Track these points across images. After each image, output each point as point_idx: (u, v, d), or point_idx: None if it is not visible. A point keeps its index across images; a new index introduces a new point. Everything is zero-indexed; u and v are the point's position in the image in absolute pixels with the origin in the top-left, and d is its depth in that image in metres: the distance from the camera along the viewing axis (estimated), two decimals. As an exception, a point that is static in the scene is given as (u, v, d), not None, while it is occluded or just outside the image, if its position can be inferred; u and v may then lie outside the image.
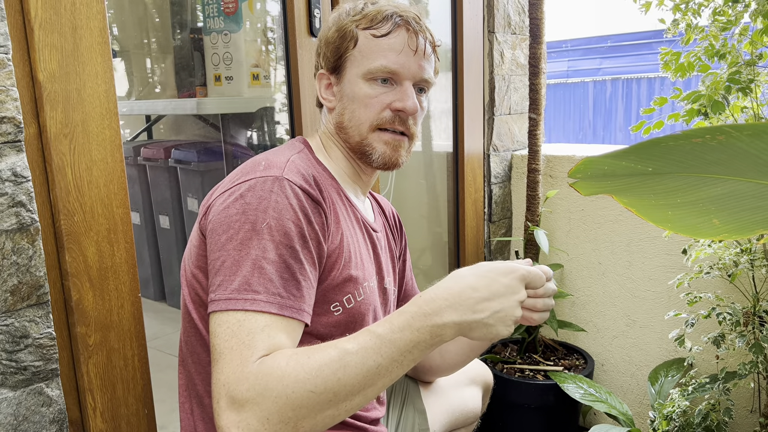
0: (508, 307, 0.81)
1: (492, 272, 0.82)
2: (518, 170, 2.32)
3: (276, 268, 0.84)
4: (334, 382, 0.75)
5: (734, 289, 1.77)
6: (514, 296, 0.82)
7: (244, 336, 0.79)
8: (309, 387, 0.74)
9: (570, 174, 0.67)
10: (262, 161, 0.95)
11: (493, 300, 0.81)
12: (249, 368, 0.76)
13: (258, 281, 0.82)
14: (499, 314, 0.81)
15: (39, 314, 0.99)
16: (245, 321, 0.80)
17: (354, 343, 0.78)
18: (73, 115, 1.03)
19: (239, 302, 0.81)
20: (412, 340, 0.78)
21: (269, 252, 0.84)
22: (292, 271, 0.86)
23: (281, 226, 0.86)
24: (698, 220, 0.66)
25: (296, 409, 0.74)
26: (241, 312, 0.81)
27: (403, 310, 0.80)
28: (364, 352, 0.77)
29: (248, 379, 0.75)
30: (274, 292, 0.83)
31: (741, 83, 1.41)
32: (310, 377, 0.75)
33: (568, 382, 1.86)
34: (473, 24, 2.08)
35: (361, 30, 1.02)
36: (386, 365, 0.77)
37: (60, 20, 1.00)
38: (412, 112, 1.02)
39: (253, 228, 0.85)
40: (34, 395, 1.00)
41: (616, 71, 10.22)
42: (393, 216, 1.28)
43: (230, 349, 0.78)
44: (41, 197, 1.01)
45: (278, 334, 0.81)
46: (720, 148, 0.61)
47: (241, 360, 0.77)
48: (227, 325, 0.80)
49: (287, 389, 0.74)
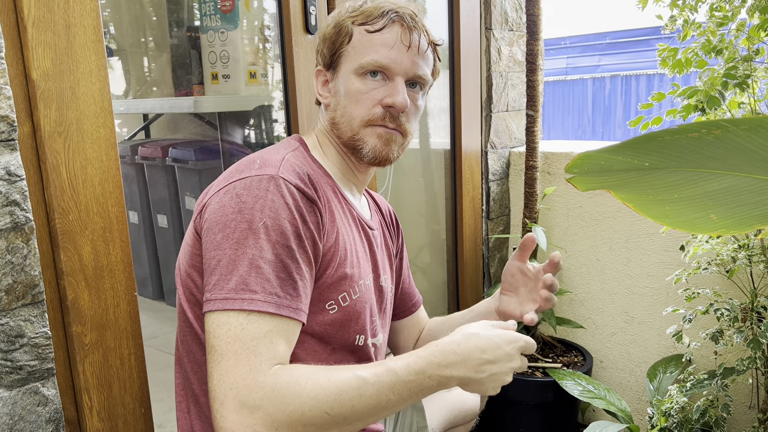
0: (504, 372, 0.90)
1: (498, 338, 0.91)
2: (516, 167, 2.31)
3: (273, 267, 0.84)
4: (348, 409, 0.79)
5: (732, 285, 1.77)
6: (510, 363, 0.91)
7: (248, 341, 0.80)
8: (325, 408, 0.78)
9: (567, 169, 0.67)
10: (257, 159, 0.94)
11: (495, 364, 0.89)
12: (262, 378, 0.78)
13: (255, 281, 0.82)
14: (495, 376, 0.89)
15: (34, 313, 0.98)
16: (248, 324, 0.81)
17: (371, 374, 0.82)
18: (67, 113, 1.02)
19: (237, 302, 0.81)
20: (422, 384, 0.85)
21: (266, 251, 0.84)
22: (289, 271, 0.86)
23: (277, 225, 0.86)
24: (696, 216, 0.66)
25: (307, 425, 0.78)
26: (241, 313, 0.81)
27: (419, 355, 0.87)
28: (380, 386, 0.82)
29: (263, 389, 0.77)
30: (271, 292, 0.83)
31: (738, 79, 1.40)
32: (329, 400, 0.78)
33: (566, 379, 1.86)
34: (470, 21, 2.07)
35: (357, 26, 1.02)
36: (395, 401, 0.83)
37: (53, 18, 0.99)
38: (401, 108, 1.01)
39: (250, 227, 0.85)
40: (30, 395, 0.99)
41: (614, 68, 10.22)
42: (390, 214, 1.28)
43: (235, 353, 0.79)
44: (35, 196, 1.01)
45: (279, 340, 0.83)
46: (716, 142, 0.61)
47: (250, 367, 0.78)
48: (228, 327, 0.81)
49: (304, 406, 0.77)
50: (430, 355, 0.86)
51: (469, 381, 0.88)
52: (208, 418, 0.98)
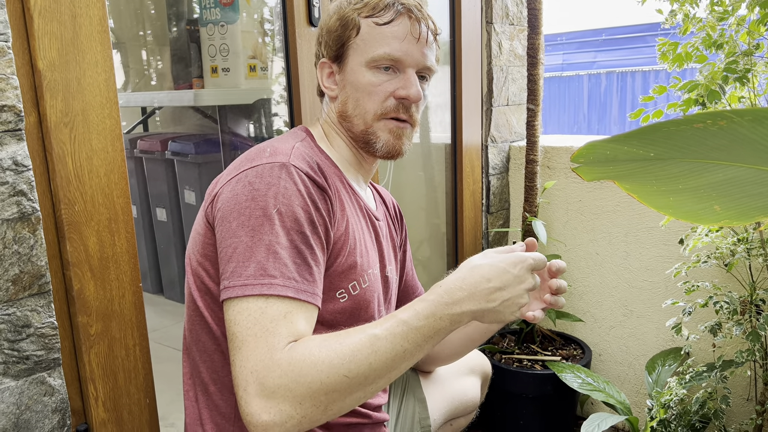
0: (518, 295, 0.88)
1: (503, 262, 0.88)
2: (516, 161, 2.32)
3: (289, 253, 0.85)
4: (366, 367, 0.79)
5: (731, 278, 1.79)
6: (522, 285, 0.88)
7: (267, 323, 0.80)
8: (343, 372, 0.77)
9: (573, 158, 0.67)
10: (267, 148, 0.95)
11: (505, 290, 0.87)
12: (279, 355, 0.77)
13: (273, 266, 0.83)
14: (509, 301, 0.87)
15: (41, 304, 0.99)
16: (267, 308, 0.81)
17: (381, 329, 0.81)
18: (73, 103, 1.02)
19: (256, 287, 0.82)
20: (434, 327, 0.83)
21: (281, 237, 0.85)
22: (304, 256, 0.86)
23: (291, 211, 0.87)
24: (699, 206, 0.66)
25: (329, 393, 0.77)
26: (260, 298, 0.81)
27: (425, 299, 0.85)
28: (393, 338, 0.81)
29: (280, 366, 0.77)
30: (289, 277, 0.83)
31: (738, 73, 1.41)
32: (345, 362, 0.78)
33: (565, 372, 1.87)
34: (471, 15, 2.08)
35: (363, 18, 1.02)
36: (412, 350, 0.81)
37: (59, 8, 0.99)
38: (416, 99, 1.02)
39: (264, 213, 0.85)
40: (37, 384, 1.00)
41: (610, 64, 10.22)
42: (393, 206, 1.29)
43: (254, 336, 0.79)
44: (42, 186, 1.01)
45: (298, 319, 0.83)
46: (721, 133, 0.61)
47: (268, 347, 0.78)
48: (248, 312, 0.81)
49: (321, 374, 0.77)
50: (437, 297, 0.85)
51: (483, 312, 0.86)
52: (216, 407, 0.99)
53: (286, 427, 0.75)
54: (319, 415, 0.78)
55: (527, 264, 0.89)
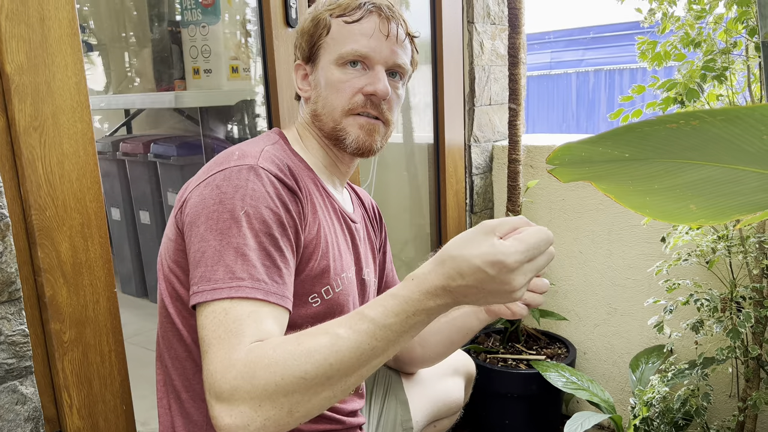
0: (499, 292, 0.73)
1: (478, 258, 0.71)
2: (499, 161, 2.32)
3: (257, 255, 0.83)
4: (325, 367, 0.73)
5: (712, 276, 1.79)
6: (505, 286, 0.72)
7: (230, 324, 0.77)
8: (299, 373, 0.72)
9: (548, 160, 0.67)
10: (235, 152, 0.94)
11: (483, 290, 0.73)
12: (236, 356, 0.74)
13: (242, 268, 0.81)
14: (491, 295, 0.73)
15: (11, 311, 0.97)
16: (231, 309, 0.79)
17: (345, 328, 0.74)
18: (42, 107, 1.00)
19: (224, 290, 0.80)
20: (409, 323, 0.74)
21: (249, 239, 0.83)
22: (273, 259, 0.85)
23: (259, 213, 0.85)
24: (676, 206, 0.66)
25: (288, 395, 0.72)
26: (227, 300, 0.79)
27: (396, 294, 0.75)
28: (358, 336, 0.73)
29: (235, 367, 0.73)
30: (258, 279, 0.82)
31: (716, 71, 1.42)
32: (300, 363, 0.72)
33: (550, 371, 1.87)
34: (452, 14, 2.07)
35: (335, 18, 1.02)
36: (382, 347, 0.74)
37: (27, 11, 0.98)
38: (383, 95, 1.01)
39: (232, 216, 0.84)
40: (8, 393, 0.98)
41: (598, 62, 10.28)
42: (372, 208, 1.28)
43: (218, 339, 0.76)
44: (11, 192, 0.99)
45: (265, 319, 0.80)
46: (694, 133, 0.61)
47: (229, 348, 0.75)
48: (213, 315, 0.79)
49: (276, 376, 0.72)
50: (409, 293, 0.74)
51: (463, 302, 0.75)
52: (189, 415, 0.97)
53: (250, 430, 0.72)
54: (285, 417, 0.73)
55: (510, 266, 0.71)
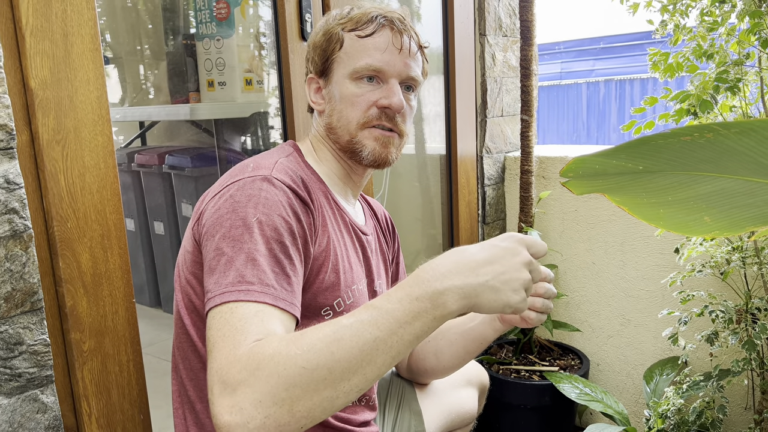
0: (513, 269, 0.76)
1: (489, 241, 0.78)
2: (511, 172, 2.32)
3: (268, 261, 0.84)
4: (327, 357, 0.70)
5: (726, 287, 1.79)
6: (516, 258, 0.76)
7: (236, 322, 0.76)
8: (300, 363, 0.69)
9: (562, 173, 0.67)
10: (250, 164, 0.96)
11: (495, 263, 0.75)
12: (241, 351, 0.72)
13: (252, 273, 0.81)
14: (504, 276, 0.75)
15: (33, 321, 0.99)
16: (237, 308, 0.78)
17: (350, 317, 0.73)
18: (65, 121, 1.03)
19: (233, 294, 0.80)
20: (412, 311, 0.72)
21: (260, 246, 0.84)
22: (282, 266, 0.86)
23: (271, 221, 0.86)
24: (689, 218, 0.67)
25: (289, 388, 0.69)
26: (235, 302, 0.79)
27: (402, 282, 0.75)
28: (359, 324, 0.71)
29: (240, 361, 0.71)
30: (267, 284, 0.82)
31: (729, 82, 1.42)
32: (301, 352, 0.70)
33: (563, 382, 1.86)
34: (464, 27, 2.09)
35: (347, 32, 1.04)
36: (384, 338, 0.71)
37: (51, 27, 1.00)
38: (398, 108, 1.03)
39: (244, 224, 0.85)
40: (29, 402, 0.99)
41: (609, 72, 10.27)
42: (386, 219, 1.29)
43: (223, 337, 0.75)
44: (34, 204, 1.01)
45: (271, 320, 0.79)
46: (708, 145, 0.61)
47: (233, 344, 0.73)
48: (220, 315, 0.78)
49: (278, 366, 0.69)
50: (413, 277, 0.75)
51: (475, 290, 0.74)
52: (203, 425, 0.98)
53: (249, 428, 0.69)
54: (285, 416, 0.69)
55: (517, 237, 0.79)
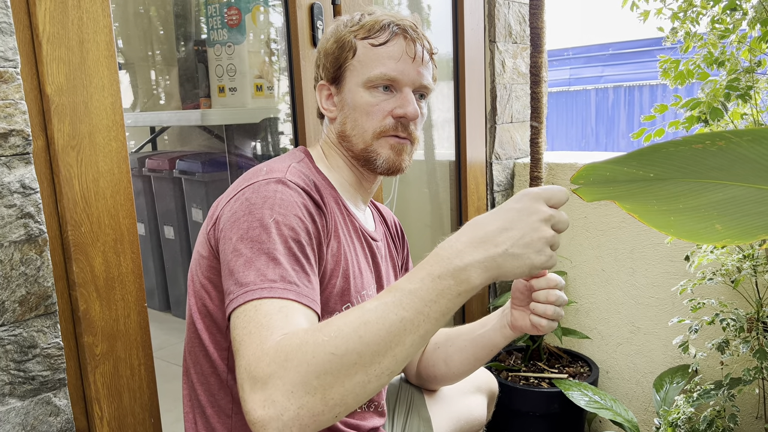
0: (531, 229, 0.74)
1: (504, 204, 0.77)
2: (521, 178, 2.32)
3: (287, 260, 0.84)
4: (356, 341, 0.70)
5: (737, 295, 1.78)
6: (532, 216, 0.74)
7: (261, 318, 0.76)
8: (329, 349, 0.69)
9: (572, 180, 0.68)
10: (263, 168, 0.96)
11: (513, 229, 0.73)
12: (268, 345, 0.72)
13: (273, 271, 0.81)
14: (523, 240, 0.73)
15: (47, 324, 1.00)
16: (261, 305, 0.78)
17: (374, 301, 0.73)
18: (80, 127, 1.04)
19: (257, 291, 0.79)
20: (436, 289, 0.72)
21: (279, 245, 0.84)
22: (302, 264, 0.86)
23: (288, 221, 0.87)
24: (700, 226, 0.67)
25: (320, 376, 0.69)
26: (258, 300, 0.79)
27: (421, 263, 0.75)
28: (384, 306, 0.71)
29: (268, 355, 0.71)
30: (290, 281, 0.82)
31: (740, 90, 1.41)
32: (330, 338, 0.70)
33: (572, 390, 1.86)
34: (474, 34, 2.09)
35: (360, 40, 1.04)
36: (411, 318, 0.71)
37: (67, 34, 1.02)
38: (413, 117, 1.04)
39: (261, 225, 0.86)
40: (42, 405, 1.00)
41: (618, 79, 10.24)
42: (395, 225, 1.29)
43: (249, 334, 0.75)
44: (49, 208, 1.02)
45: (296, 315, 0.78)
46: (720, 153, 0.61)
47: (260, 340, 0.73)
48: (245, 314, 0.78)
49: (307, 355, 0.69)
50: (433, 255, 0.74)
51: (496, 261, 0.72)
52: (214, 429, 0.99)
53: (284, 421, 0.68)
54: (319, 405, 0.69)
55: (531, 194, 0.76)
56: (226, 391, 0.98)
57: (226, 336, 0.96)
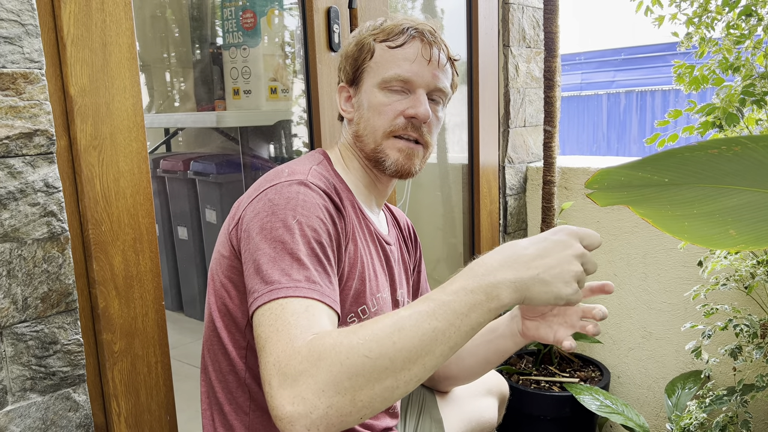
0: (564, 261, 0.78)
1: (540, 235, 0.81)
2: (533, 182, 2.33)
3: (310, 261, 0.85)
4: (389, 346, 0.71)
5: (751, 301, 1.77)
6: (567, 250, 0.78)
7: (288, 317, 0.77)
8: (363, 351, 0.71)
9: (587, 185, 0.68)
10: (285, 169, 0.98)
11: (546, 257, 0.77)
12: (299, 343, 0.73)
13: (297, 271, 0.83)
14: (555, 270, 0.77)
15: (68, 321, 1.02)
16: (288, 304, 0.79)
17: (408, 309, 0.75)
18: (102, 127, 1.06)
19: (282, 290, 0.80)
20: (468, 302, 0.74)
21: (302, 246, 0.86)
22: (324, 265, 0.87)
23: (310, 222, 0.88)
24: (715, 231, 0.67)
25: (352, 377, 0.70)
26: (284, 298, 0.80)
27: (455, 277, 0.78)
28: (418, 315, 0.73)
29: (300, 353, 0.72)
30: (314, 281, 0.83)
31: (755, 96, 1.41)
32: (364, 342, 0.72)
33: (584, 394, 1.86)
34: (488, 38, 2.10)
35: (378, 42, 1.06)
36: (443, 329, 0.73)
37: (91, 37, 1.04)
38: (424, 118, 1.04)
39: (284, 225, 0.87)
40: (62, 400, 1.02)
41: (630, 84, 10.20)
42: (408, 228, 1.30)
43: (276, 331, 0.76)
44: (71, 207, 1.04)
45: (321, 315, 0.80)
46: (736, 159, 0.61)
47: (289, 338, 0.74)
48: (270, 312, 0.79)
49: (341, 356, 0.71)
50: (467, 270, 0.77)
51: (526, 283, 0.76)
52: (232, 427, 1.00)
53: (312, 419, 0.69)
54: (347, 406, 0.70)
55: (568, 230, 0.80)
56: (244, 388, 0.99)
57: (245, 335, 0.97)
